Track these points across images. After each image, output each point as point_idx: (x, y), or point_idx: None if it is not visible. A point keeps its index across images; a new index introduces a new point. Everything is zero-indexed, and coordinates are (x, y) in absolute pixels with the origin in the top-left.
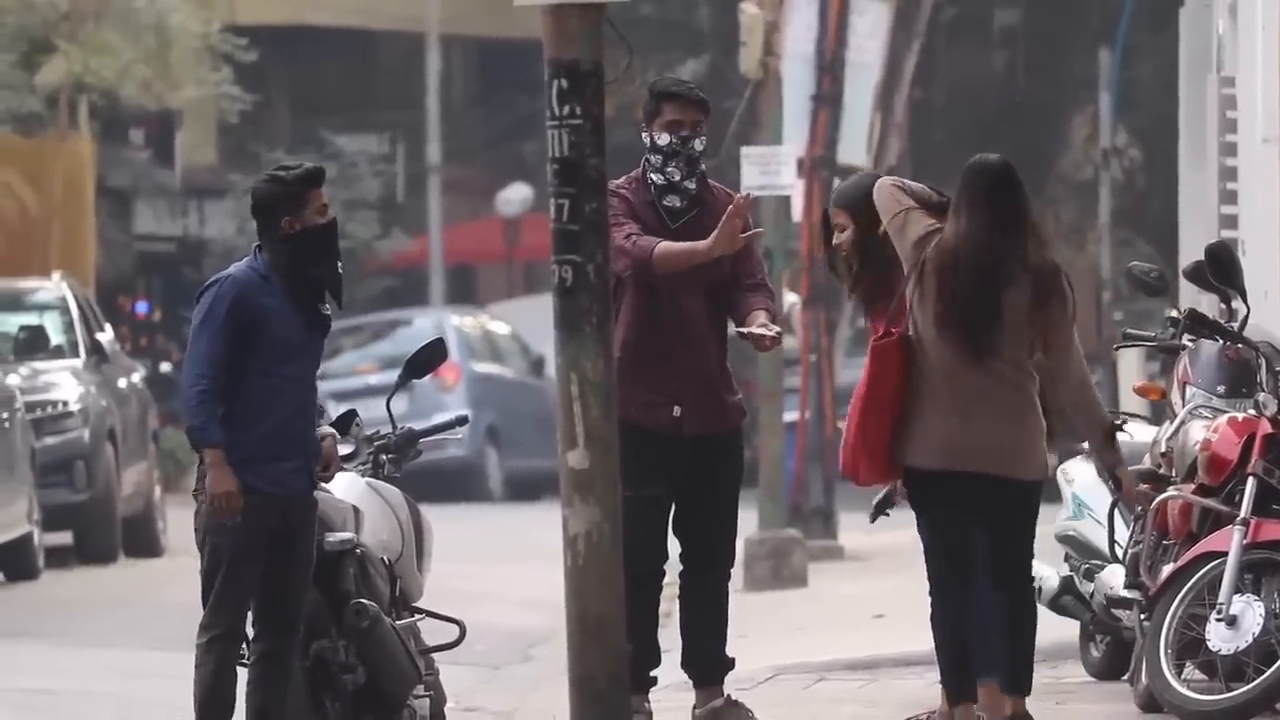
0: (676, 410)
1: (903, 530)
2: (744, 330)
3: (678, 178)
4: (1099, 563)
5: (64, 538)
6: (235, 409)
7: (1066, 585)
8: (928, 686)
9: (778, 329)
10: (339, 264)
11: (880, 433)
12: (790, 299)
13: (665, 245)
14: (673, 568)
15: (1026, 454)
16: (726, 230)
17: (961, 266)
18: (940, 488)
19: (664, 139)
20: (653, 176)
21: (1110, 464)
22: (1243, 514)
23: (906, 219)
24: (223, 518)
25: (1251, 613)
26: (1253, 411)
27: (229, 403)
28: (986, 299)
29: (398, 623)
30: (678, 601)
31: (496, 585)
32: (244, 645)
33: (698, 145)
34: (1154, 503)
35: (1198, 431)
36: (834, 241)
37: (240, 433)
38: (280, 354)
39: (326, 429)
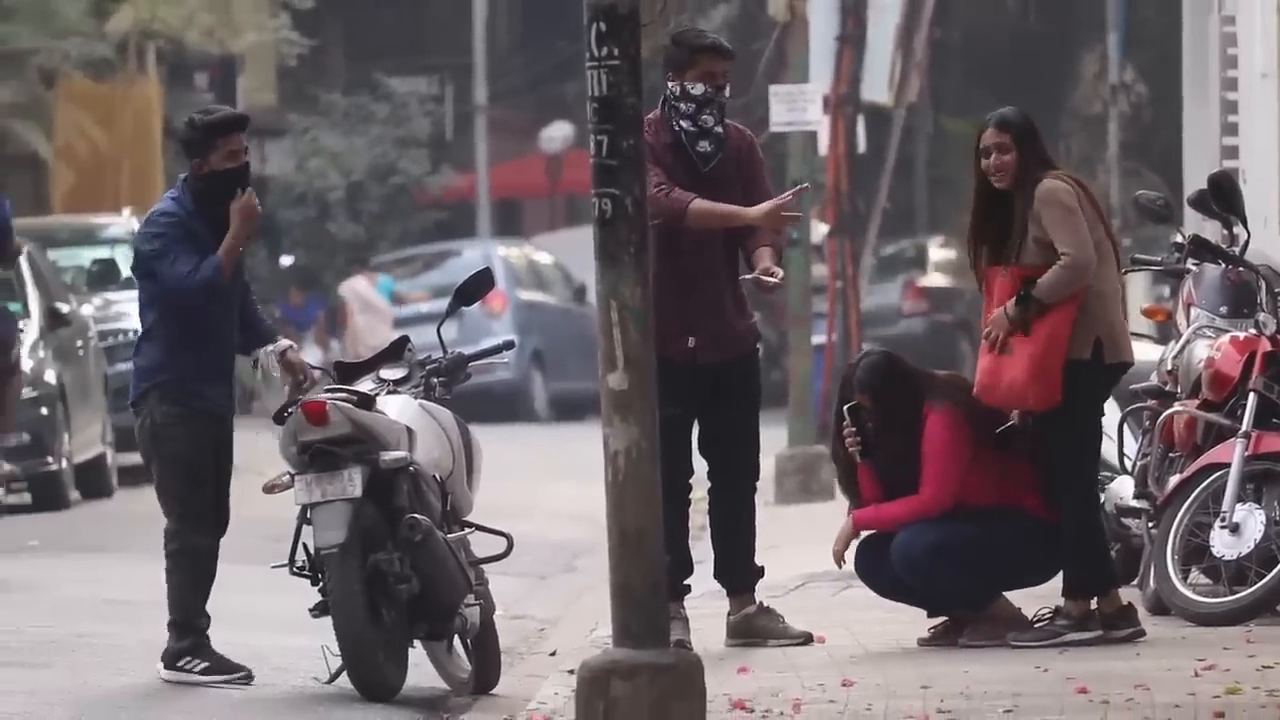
0: (691, 341)
1: None
2: (749, 276)
3: (711, 123)
4: (1109, 474)
5: (135, 458)
6: (167, 336)
7: None
8: None
9: (780, 273)
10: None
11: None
12: (820, 229)
13: (701, 204)
14: (704, 485)
15: None
16: (777, 210)
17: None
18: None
19: (699, 89)
20: (682, 123)
21: None
22: (1244, 427)
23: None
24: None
25: (1253, 520)
26: (1253, 331)
27: (165, 330)
28: None
29: (449, 536)
30: (708, 516)
31: (542, 500)
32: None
33: (728, 92)
34: (1161, 417)
35: (1202, 350)
36: (864, 425)
37: (171, 355)
38: None
39: (284, 342)
